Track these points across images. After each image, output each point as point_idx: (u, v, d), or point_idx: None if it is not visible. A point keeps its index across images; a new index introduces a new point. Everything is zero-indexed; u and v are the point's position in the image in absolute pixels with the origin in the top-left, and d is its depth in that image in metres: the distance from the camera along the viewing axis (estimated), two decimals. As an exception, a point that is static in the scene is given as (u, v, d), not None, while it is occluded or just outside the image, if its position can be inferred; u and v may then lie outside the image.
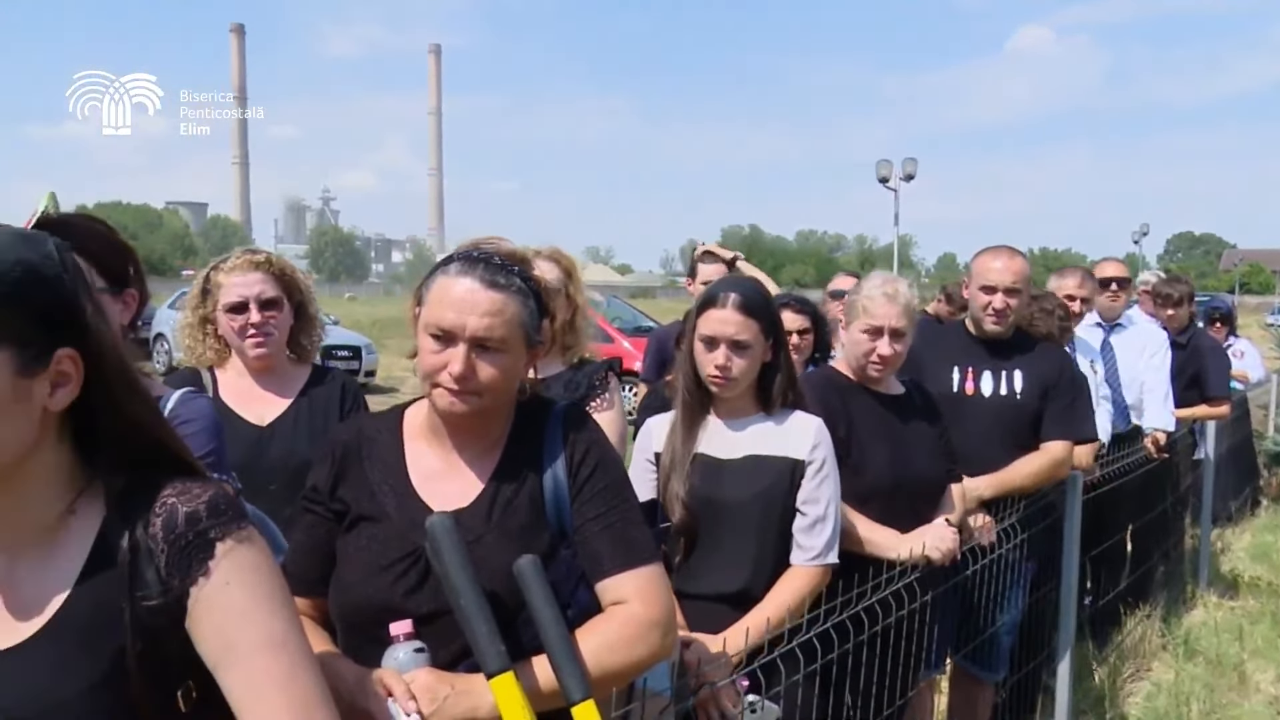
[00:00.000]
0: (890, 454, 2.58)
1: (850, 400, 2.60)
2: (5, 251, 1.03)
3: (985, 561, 2.87)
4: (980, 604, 3.01)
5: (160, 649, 1.06)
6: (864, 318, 2.60)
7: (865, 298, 2.62)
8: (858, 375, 2.67)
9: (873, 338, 2.58)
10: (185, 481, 1.13)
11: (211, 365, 2.53)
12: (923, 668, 2.67)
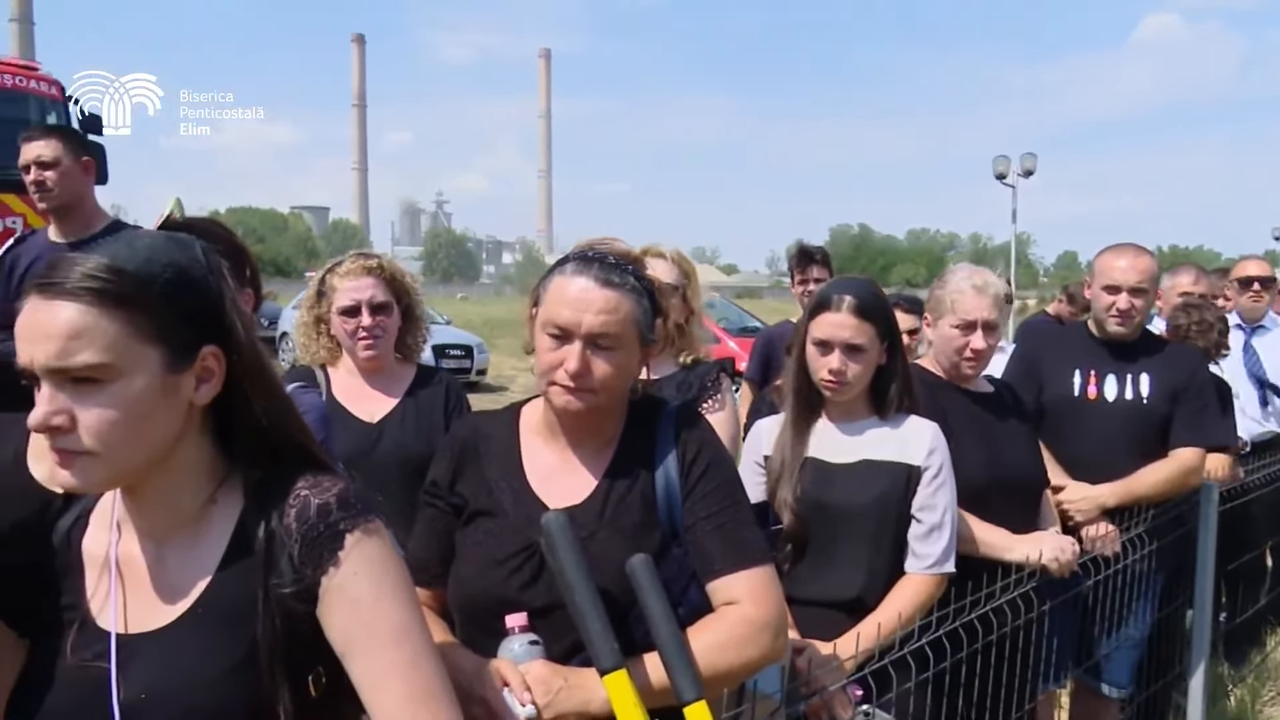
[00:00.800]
0: (985, 453, 2.49)
1: (941, 398, 2.53)
2: (157, 254, 1.10)
3: (1110, 572, 2.75)
4: (1104, 616, 2.88)
5: (293, 635, 1.11)
6: (954, 312, 2.52)
7: (954, 291, 2.54)
8: (949, 373, 2.59)
9: (965, 332, 2.50)
10: (317, 475, 1.18)
11: (324, 364, 2.65)
12: (1042, 680, 2.57)
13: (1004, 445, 2.55)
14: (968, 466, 2.45)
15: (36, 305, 1.05)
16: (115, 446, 1.06)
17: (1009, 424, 2.61)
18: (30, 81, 8.96)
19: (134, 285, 1.06)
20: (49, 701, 1.10)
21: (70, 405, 1.04)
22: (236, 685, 1.08)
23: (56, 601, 1.16)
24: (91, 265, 1.06)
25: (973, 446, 2.49)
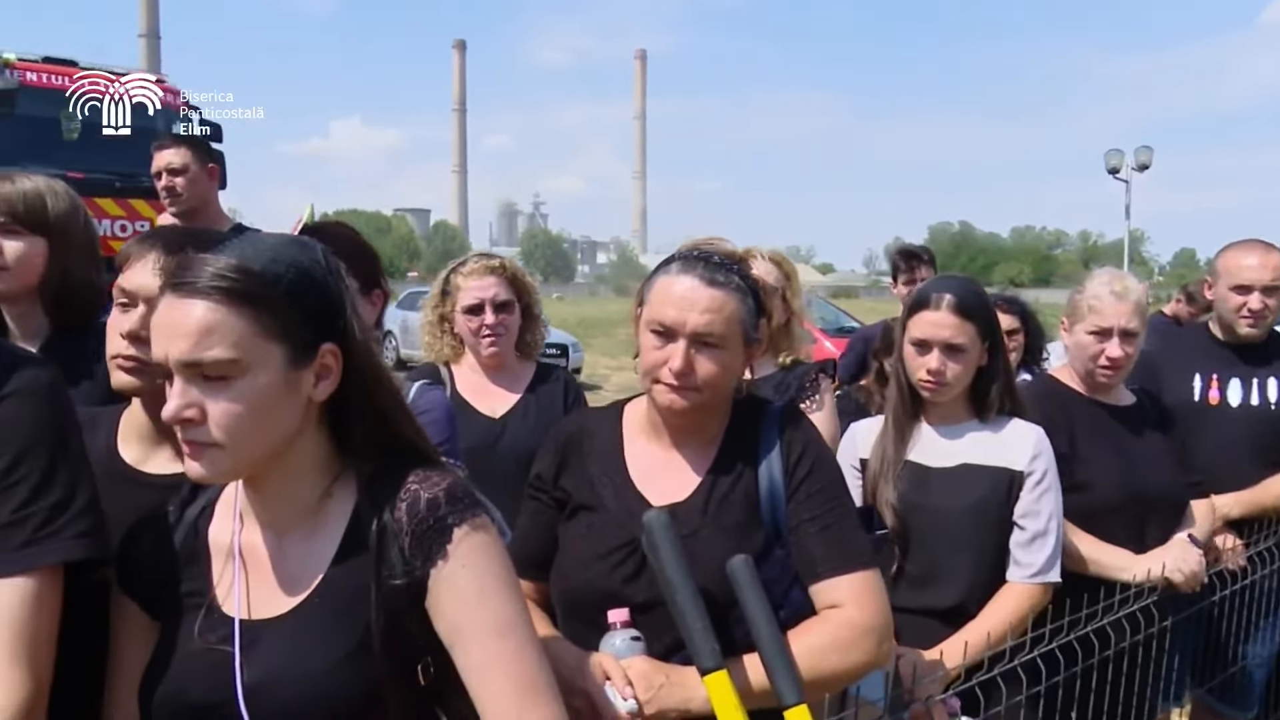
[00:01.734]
0: (1121, 469, 2.38)
1: (1073, 411, 2.43)
2: (281, 255, 1.16)
3: (1236, 588, 2.60)
4: (1228, 634, 2.73)
5: (403, 625, 1.15)
6: (1090, 318, 2.41)
7: (1091, 296, 2.43)
8: (1084, 381, 2.49)
9: (1101, 339, 2.40)
10: (427, 470, 1.22)
11: (448, 361, 2.75)
12: (1160, 699, 2.46)
13: (1141, 460, 2.43)
14: (1102, 483, 2.36)
15: (171, 303, 1.11)
16: (241, 439, 1.11)
17: (1148, 437, 2.48)
18: (157, 92, 9.47)
19: (260, 284, 1.12)
20: (179, 681, 1.16)
21: (201, 399, 1.10)
22: (352, 671, 1.12)
23: (182, 586, 1.23)
24: (221, 265, 1.11)
25: (1105, 461, 2.38)
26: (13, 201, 1.96)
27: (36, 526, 1.13)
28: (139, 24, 53.93)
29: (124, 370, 1.44)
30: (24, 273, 1.97)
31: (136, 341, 1.43)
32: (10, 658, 1.08)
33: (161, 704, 1.16)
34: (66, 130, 8.40)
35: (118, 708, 1.22)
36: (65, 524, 1.15)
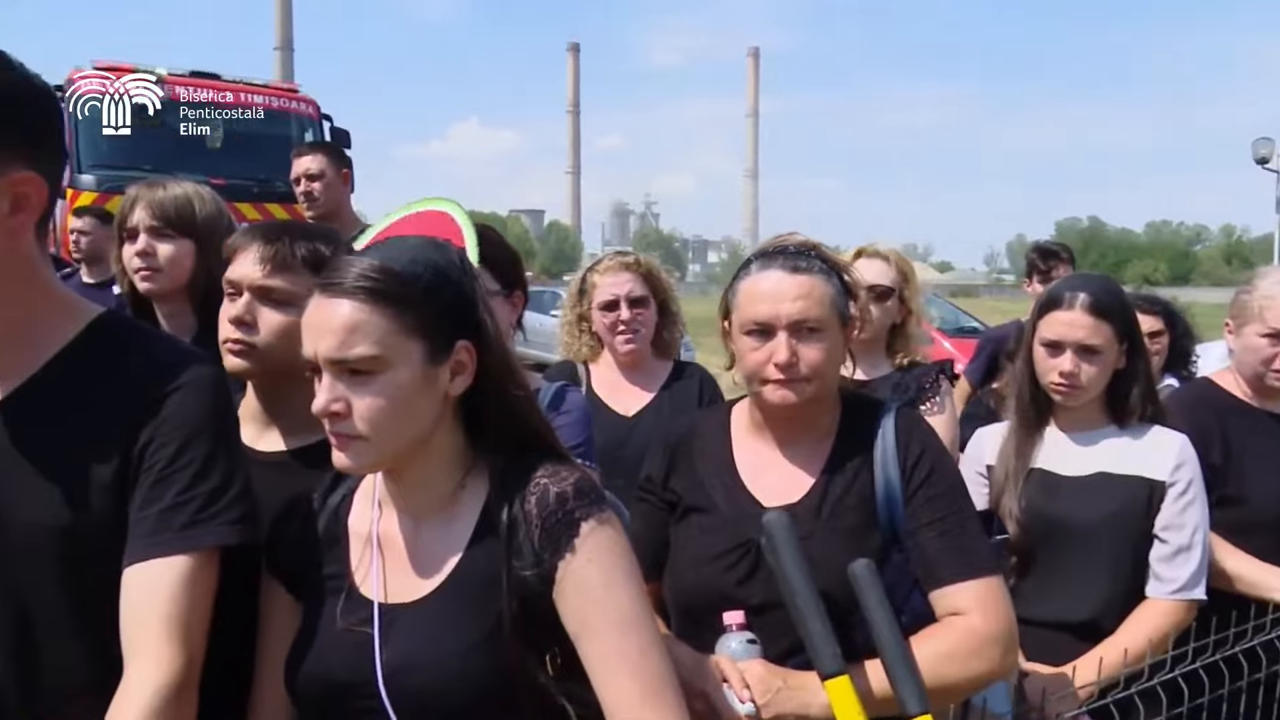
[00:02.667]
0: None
1: (1230, 419, 2.28)
2: (420, 256, 1.21)
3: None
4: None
5: (532, 615, 1.18)
6: (1261, 320, 2.25)
7: (1263, 297, 2.27)
8: (1252, 387, 2.33)
9: (1273, 343, 2.24)
10: (555, 465, 1.25)
11: (586, 360, 2.79)
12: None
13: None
14: (1259, 496, 2.22)
15: (320, 302, 1.18)
16: (383, 432, 1.17)
17: None
18: (292, 103, 9.99)
19: (400, 284, 1.17)
20: (322, 660, 1.22)
21: (347, 394, 1.16)
22: (484, 657, 1.16)
23: (324, 570, 1.29)
24: (365, 266, 1.17)
25: (1265, 474, 2.24)
26: (164, 207, 2.11)
27: (196, 510, 1.20)
28: (274, 38, 56.83)
29: (233, 354, 1.54)
30: (174, 273, 2.12)
31: (242, 326, 1.53)
32: (167, 632, 1.15)
33: (306, 682, 1.22)
34: (211, 140, 8.94)
35: (265, 684, 1.30)
36: (221, 510, 1.22)
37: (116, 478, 1.20)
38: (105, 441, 1.21)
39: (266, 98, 9.89)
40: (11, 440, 1.21)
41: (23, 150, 1.17)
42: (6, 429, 1.21)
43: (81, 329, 1.27)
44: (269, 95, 9.96)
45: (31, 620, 1.21)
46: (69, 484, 1.20)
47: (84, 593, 1.20)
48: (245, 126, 9.35)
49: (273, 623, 1.32)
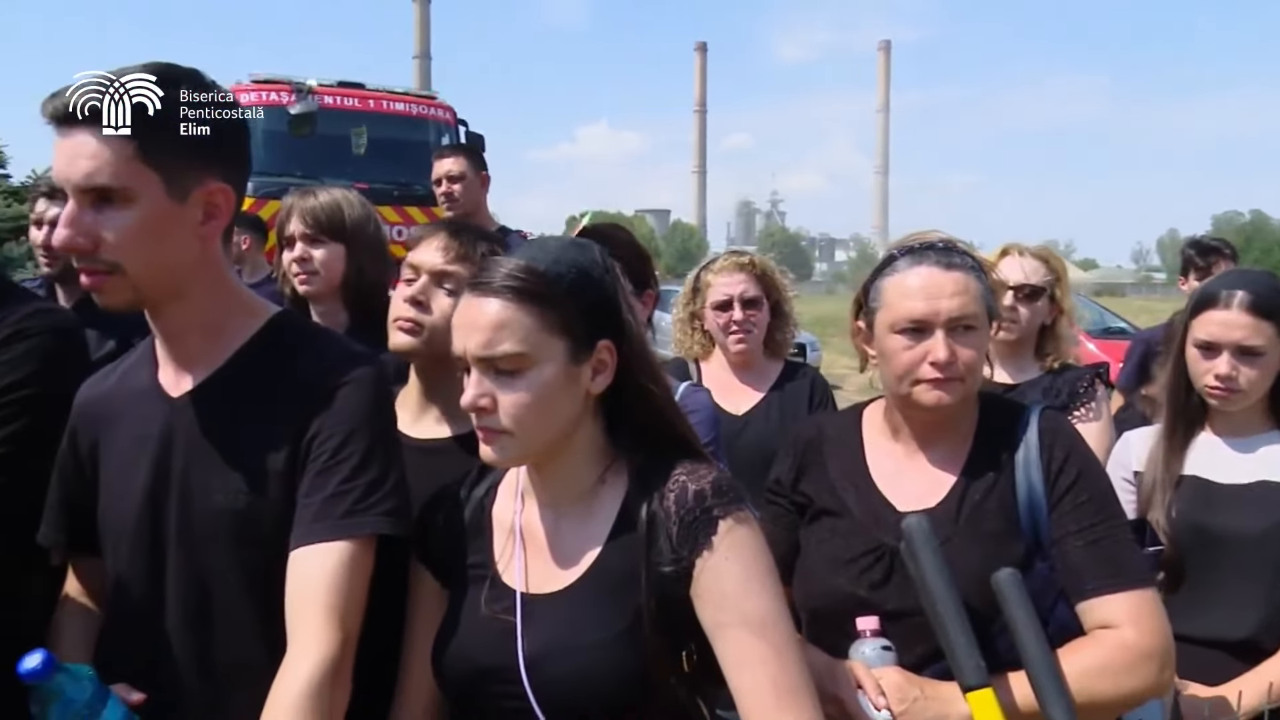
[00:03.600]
0: None
1: None
2: (563, 256, 1.25)
3: None
4: None
5: (669, 611, 1.20)
6: None
7: None
8: None
9: None
10: (694, 463, 1.26)
11: (697, 358, 2.80)
12: None
13: None
14: None
15: (469, 301, 1.23)
16: (528, 427, 1.21)
17: None
18: (430, 109, 10.37)
19: (545, 284, 1.21)
20: (467, 645, 1.27)
21: (493, 390, 1.21)
22: (623, 650, 1.18)
23: (469, 558, 1.34)
24: (512, 266, 1.22)
25: None
26: (316, 213, 2.24)
27: (355, 500, 1.27)
28: (413, 47, 59.14)
29: (403, 331, 1.62)
30: (329, 276, 2.25)
31: (416, 305, 1.61)
32: (326, 613, 1.22)
33: (451, 666, 1.28)
34: (355, 146, 9.39)
35: (413, 666, 1.35)
36: (378, 500, 1.29)
37: (287, 466, 1.29)
38: (279, 431, 1.29)
39: (407, 105, 10.30)
40: (199, 428, 1.31)
41: (216, 163, 1.29)
42: (195, 417, 1.32)
43: (260, 326, 1.38)
44: (409, 102, 10.37)
45: (210, 598, 1.30)
46: (247, 470, 1.29)
47: (256, 573, 1.29)
48: (387, 132, 9.77)
49: (420, 608, 1.37)
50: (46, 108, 1.21)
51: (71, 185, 1.21)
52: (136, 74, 1.23)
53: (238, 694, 1.28)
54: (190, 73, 1.28)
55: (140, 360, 1.41)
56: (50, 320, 1.65)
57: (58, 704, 1.16)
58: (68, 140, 1.21)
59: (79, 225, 1.21)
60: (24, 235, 7.57)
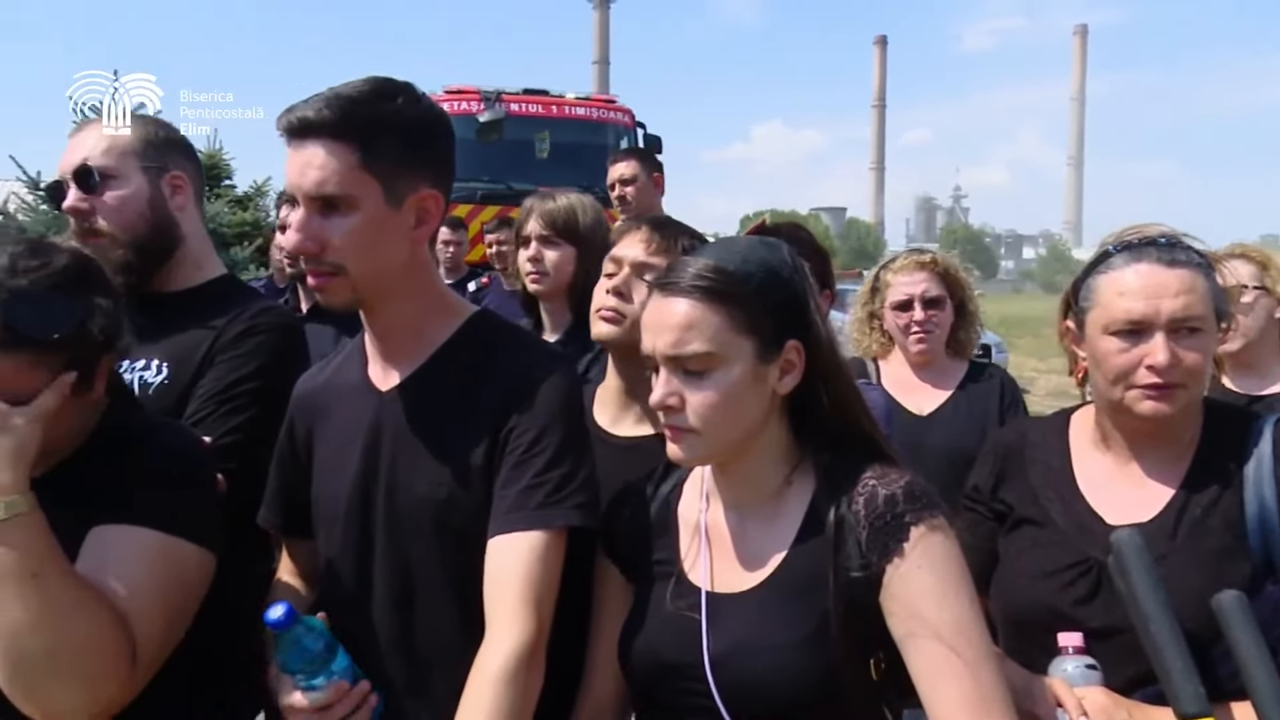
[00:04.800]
0: None
1: None
2: (751, 256, 1.24)
3: None
4: None
5: (857, 617, 1.17)
6: None
7: None
8: None
9: None
10: (884, 466, 1.23)
11: (875, 357, 2.74)
12: None
13: None
14: None
15: (658, 301, 1.25)
16: (714, 426, 1.21)
17: None
18: (609, 113, 10.60)
19: (734, 283, 1.21)
20: (653, 640, 1.29)
21: (681, 389, 1.22)
22: (810, 653, 1.17)
23: (655, 555, 1.36)
24: (700, 266, 1.22)
25: None
26: (553, 216, 2.36)
27: (549, 493, 1.32)
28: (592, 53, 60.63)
29: (605, 320, 1.68)
30: (559, 276, 2.36)
31: (618, 296, 1.66)
32: (521, 601, 1.27)
33: (637, 659, 1.30)
34: (538, 150, 9.73)
35: (599, 657, 1.39)
36: (570, 494, 1.33)
37: (486, 458, 1.35)
38: (478, 425, 1.36)
39: (588, 109, 10.57)
40: (405, 420, 1.39)
41: (428, 172, 1.37)
42: (401, 410, 1.40)
43: (460, 325, 1.45)
44: (590, 107, 10.63)
45: (412, 581, 1.37)
46: (449, 461, 1.36)
47: (455, 560, 1.35)
48: (568, 136, 10.05)
49: (606, 600, 1.40)
50: (281, 122, 1.31)
51: (302, 193, 1.30)
52: (357, 88, 1.31)
53: (437, 673, 1.35)
54: (405, 86, 1.35)
55: (351, 356, 1.51)
56: (276, 318, 1.81)
57: (295, 650, 1.27)
58: (299, 152, 1.30)
59: (308, 230, 1.31)
60: (248, 240, 8.30)
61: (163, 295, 1.77)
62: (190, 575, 1.33)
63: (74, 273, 1.28)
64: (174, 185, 1.81)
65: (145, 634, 1.24)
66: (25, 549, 1.16)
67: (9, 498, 1.17)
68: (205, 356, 1.72)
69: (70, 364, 1.25)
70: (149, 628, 1.25)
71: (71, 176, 1.74)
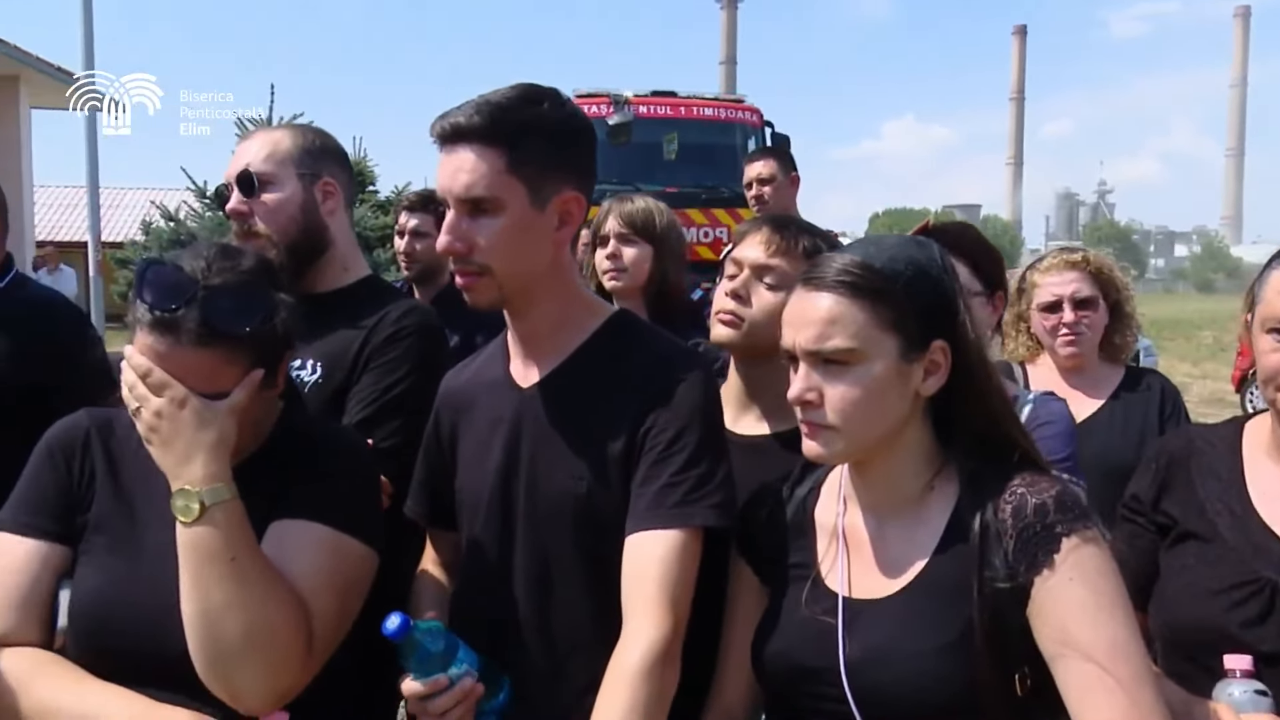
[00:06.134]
0: None
1: None
2: (900, 253, 1.23)
3: None
4: None
5: (1002, 630, 1.13)
6: None
7: None
8: None
9: None
10: (1033, 474, 1.19)
11: (1023, 361, 2.64)
12: None
13: None
14: None
15: (801, 295, 1.24)
16: (853, 423, 1.20)
17: None
18: (738, 113, 10.58)
19: (880, 280, 1.19)
20: (787, 644, 1.28)
21: (821, 384, 1.21)
22: (951, 664, 1.14)
23: (791, 558, 1.35)
24: (846, 261, 1.21)
25: None
26: (632, 217, 2.48)
27: (686, 491, 1.33)
28: (719, 53, 60.51)
29: (723, 324, 1.67)
30: (635, 274, 2.47)
31: (736, 299, 1.66)
32: (659, 598, 1.28)
33: (772, 660, 1.29)
34: (666, 151, 9.79)
35: (730, 658, 1.39)
36: (708, 493, 1.33)
37: (624, 454, 1.37)
38: (617, 422, 1.38)
39: (716, 109, 10.57)
40: (545, 416, 1.43)
41: (571, 175, 1.40)
42: (542, 407, 1.43)
43: (600, 324, 1.47)
44: (718, 107, 10.64)
45: (550, 572, 1.41)
46: (588, 458, 1.38)
47: (592, 553, 1.38)
48: (696, 137, 10.09)
49: (740, 600, 1.40)
50: (434, 128, 1.36)
51: (453, 196, 1.35)
52: (506, 95, 1.35)
53: (573, 663, 1.38)
54: (551, 91, 1.39)
55: (494, 354, 1.56)
56: (420, 318, 1.88)
57: (417, 655, 1.32)
58: (451, 157, 1.35)
59: (457, 232, 1.36)
60: (389, 243, 8.68)
61: (313, 296, 1.85)
62: (358, 572, 1.39)
63: (260, 272, 1.35)
64: (326, 191, 1.89)
65: (320, 623, 1.30)
66: (227, 534, 1.24)
67: (214, 485, 1.25)
68: (356, 356, 1.80)
69: (258, 360, 1.32)
70: (324, 618, 1.31)
71: (235, 181, 1.84)
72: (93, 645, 1.32)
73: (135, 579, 1.32)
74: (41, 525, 1.37)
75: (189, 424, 1.25)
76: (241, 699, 1.25)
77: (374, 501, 1.47)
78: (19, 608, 1.33)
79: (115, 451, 1.43)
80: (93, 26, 9.28)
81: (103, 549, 1.36)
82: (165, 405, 1.25)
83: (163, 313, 1.24)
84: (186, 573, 1.24)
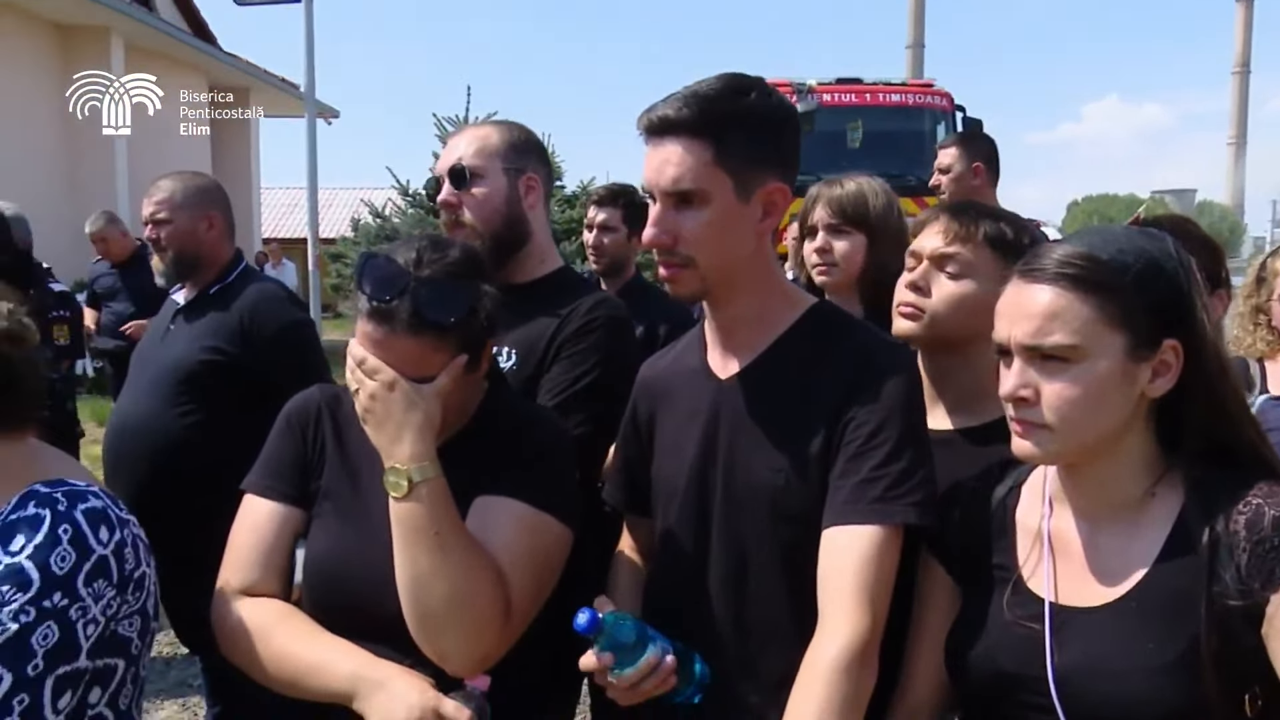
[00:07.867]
0: None
1: None
2: (1128, 246, 1.15)
3: None
4: None
5: (1233, 648, 1.06)
6: None
7: None
8: None
9: None
10: (1272, 485, 1.10)
11: (1261, 357, 2.43)
12: None
13: None
14: None
15: (1019, 287, 1.18)
16: (1070, 423, 1.14)
17: None
18: (926, 98, 10.21)
19: (1107, 273, 1.12)
20: (989, 649, 1.23)
21: (1037, 381, 1.15)
22: (1173, 681, 1.07)
23: (992, 559, 1.30)
24: (1069, 252, 1.15)
25: None
26: (841, 203, 2.22)
27: (887, 487, 1.30)
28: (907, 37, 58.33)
29: (904, 316, 1.63)
30: (848, 267, 2.23)
31: (916, 290, 1.61)
32: (857, 595, 1.25)
33: (973, 665, 1.24)
34: (850, 139, 9.60)
35: (920, 658, 1.35)
36: (908, 490, 1.30)
37: (823, 447, 1.35)
38: (816, 414, 1.36)
39: (903, 95, 10.24)
40: (744, 407, 1.43)
41: (776, 165, 1.39)
42: (740, 397, 1.44)
43: (800, 315, 1.46)
44: (905, 93, 10.30)
45: (746, 562, 1.41)
46: (786, 449, 1.38)
47: (788, 546, 1.37)
48: (882, 124, 9.82)
49: (930, 599, 1.36)
50: (641, 121, 1.38)
51: (659, 189, 1.37)
52: (712, 86, 1.35)
53: (767, 655, 1.38)
54: (757, 81, 1.38)
55: (691, 344, 1.57)
56: (609, 310, 1.92)
57: (609, 646, 1.33)
58: (658, 150, 1.36)
59: (663, 224, 1.37)
60: (575, 236, 8.96)
61: (511, 286, 1.90)
62: (554, 549, 1.45)
63: (466, 264, 1.43)
64: (528, 185, 1.96)
65: (518, 594, 1.37)
66: (432, 509, 1.32)
67: (421, 464, 1.33)
68: (548, 345, 1.86)
69: (462, 347, 1.40)
70: (521, 589, 1.37)
71: (447, 174, 1.94)
72: (323, 602, 1.44)
73: (359, 544, 1.42)
74: (280, 489, 1.50)
75: (399, 406, 1.33)
76: (448, 660, 1.33)
77: (571, 482, 1.52)
78: (261, 563, 1.46)
79: (343, 425, 1.54)
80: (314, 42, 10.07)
81: (332, 514, 1.48)
82: (378, 388, 1.34)
83: (379, 303, 1.33)
84: (398, 542, 1.33)
